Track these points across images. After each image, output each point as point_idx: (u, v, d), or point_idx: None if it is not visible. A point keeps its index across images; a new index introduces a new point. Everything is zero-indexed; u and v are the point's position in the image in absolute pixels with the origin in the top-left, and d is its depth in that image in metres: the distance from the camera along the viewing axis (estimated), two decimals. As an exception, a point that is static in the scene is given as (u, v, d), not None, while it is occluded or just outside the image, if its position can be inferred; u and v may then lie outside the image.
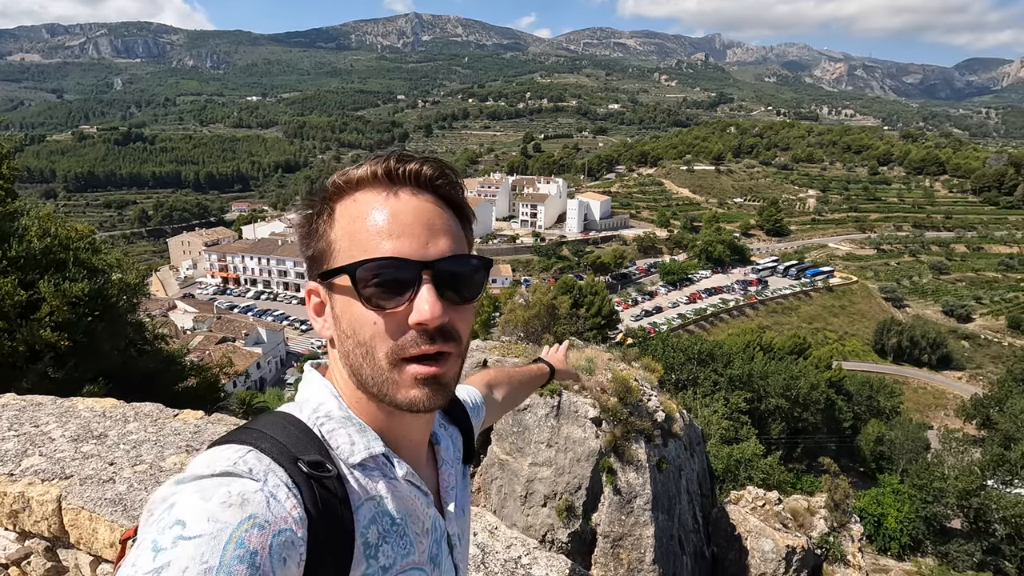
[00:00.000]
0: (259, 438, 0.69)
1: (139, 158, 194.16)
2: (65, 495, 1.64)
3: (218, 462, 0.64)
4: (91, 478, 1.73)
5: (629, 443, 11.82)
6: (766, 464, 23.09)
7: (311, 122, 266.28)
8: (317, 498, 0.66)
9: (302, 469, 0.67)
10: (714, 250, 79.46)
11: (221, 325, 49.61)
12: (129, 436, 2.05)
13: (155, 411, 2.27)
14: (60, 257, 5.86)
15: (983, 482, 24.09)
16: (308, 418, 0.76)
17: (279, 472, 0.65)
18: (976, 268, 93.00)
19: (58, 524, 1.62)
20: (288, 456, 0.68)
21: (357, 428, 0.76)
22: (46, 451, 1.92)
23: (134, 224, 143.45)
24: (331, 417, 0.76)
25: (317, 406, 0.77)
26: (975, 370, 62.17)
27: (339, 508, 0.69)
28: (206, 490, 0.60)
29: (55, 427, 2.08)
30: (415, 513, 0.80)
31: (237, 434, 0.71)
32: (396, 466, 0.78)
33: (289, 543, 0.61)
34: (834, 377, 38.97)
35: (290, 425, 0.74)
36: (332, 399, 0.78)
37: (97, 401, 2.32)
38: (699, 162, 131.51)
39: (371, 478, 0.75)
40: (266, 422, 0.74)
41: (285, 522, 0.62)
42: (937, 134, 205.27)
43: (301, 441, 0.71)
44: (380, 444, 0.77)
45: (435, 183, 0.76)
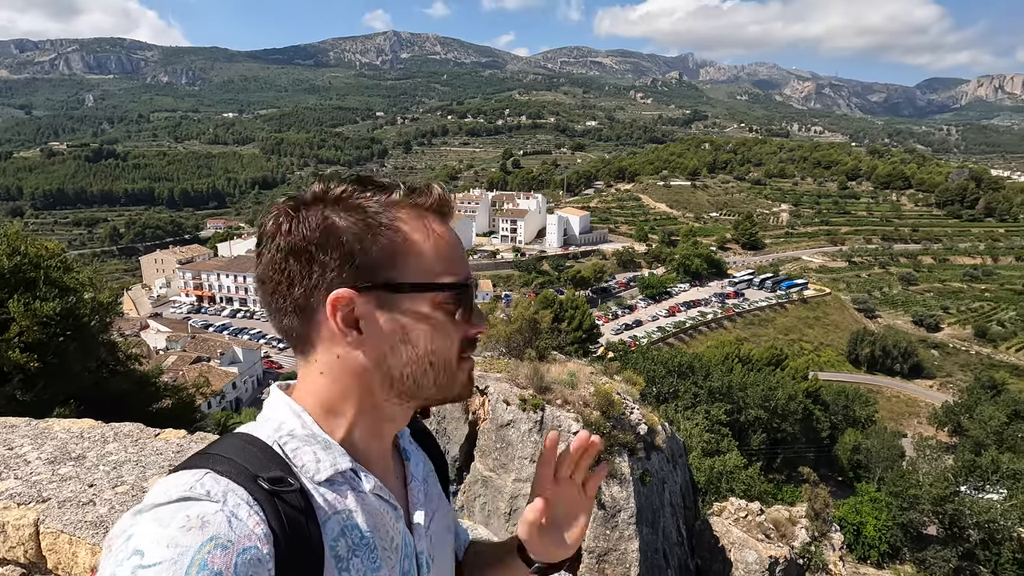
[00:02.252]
0: (215, 461, 0.69)
1: (111, 175, 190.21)
2: (43, 519, 1.59)
3: (174, 488, 0.63)
4: (70, 501, 1.68)
5: (612, 457, 11.83)
6: (747, 475, 23.26)
7: (289, 139, 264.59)
8: (281, 514, 0.66)
9: (262, 486, 0.67)
10: (692, 264, 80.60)
11: (195, 344, 48.45)
12: (109, 457, 1.99)
13: (135, 431, 2.22)
14: (30, 276, 5.70)
15: (956, 488, 24.61)
16: (268, 436, 0.75)
17: (239, 491, 0.65)
18: (943, 279, 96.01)
19: (35, 549, 1.56)
20: (247, 475, 0.67)
21: (322, 445, 0.76)
22: (21, 474, 1.85)
23: (105, 242, 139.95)
24: (294, 436, 0.76)
25: (279, 425, 0.77)
26: (945, 378, 63.80)
27: (305, 522, 0.69)
28: (163, 517, 0.59)
29: (30, 449, 2.02)
30: (384, 527, 0.80)
31: (194, 460, 0.70)
32: (364, 480, 0.78)
33: (255, 560, 0.61)
34: (811, 387, 39.57)
35: (248, 445, 0.73)
36: (294, 417, 0.77)
37: (74, 422, 2.25)
38: (675, 178, 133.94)
39: (339, 492, 0.75)
40: (223, 445, 0.73)
41: (249, 540, 0.61)
42: (902, 150, 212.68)
43: (260, 460, 0.71)
44: (347, 459, 0.77)
45: (452, 215, 0.85)
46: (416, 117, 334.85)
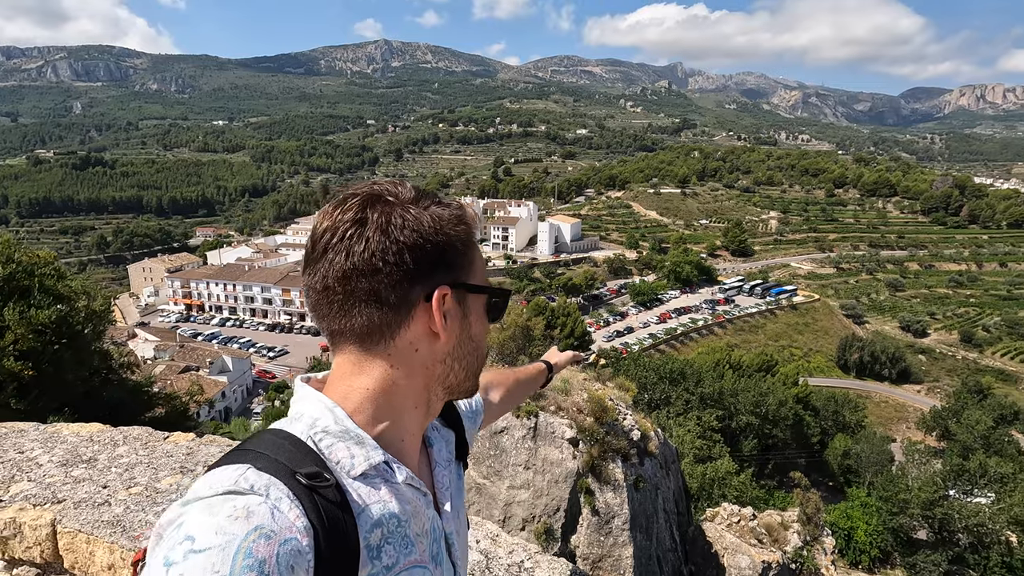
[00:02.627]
0: (255, 457, 0.72)
1: (98, 183, 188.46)
2: (60, 519, 1.61)
3: (219, 483, 0.67)
4: (85, 501, 1.70)
5: (606, 463, 11.85)
6: (739, 482, 23.34)
7: (279, 146, 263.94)
8: (319, 508, 0.70)
9: (301, 482, 0.70)
10: (682, 270, 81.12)
11: (184, 354, 47.98)
12: (120, 459, 2.01)
13: (144, 434, 2.24)
14: (24, 284, 5.67)
15: (945, 492, 24.84)
16: (303, 433, 0.78)
17: (279, 486, 0.69)
18: (929, 285, 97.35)
19: (52, 549, 1.58)
20: (285, 471, 0.71)
21: (355, 440, 0.80)
22: (35, 476, 1.87)
23: (92, 250, 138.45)
24: (328, 432, 0.79)
25: (313, 421, 0.80)
26: (932, 383, 64.51)
27: (341, 515, 0.72)
28: (212, 507, 0.64)
29: (41, 453, 2.03)
30: (416, 514, 0.84)
31: (233, 456, 0.74)
32: (397, 471, 0.83)
33: (295, 551, 0.64)
34: (801, 393, 39.86)
35: (284, 441, 0.77)
36: (327, 413, 0.81)
37: (83, 426, 2.27)
38: (665, 185, 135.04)
39: (373, 486, 0.79)
40: (260, 441, 0.76)
41: (290, 531, 0.65)
42: (887, 158, 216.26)
43: (296, 456, 0.74)
44: (380, 453, 0.81)
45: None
46: (407, 125, 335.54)
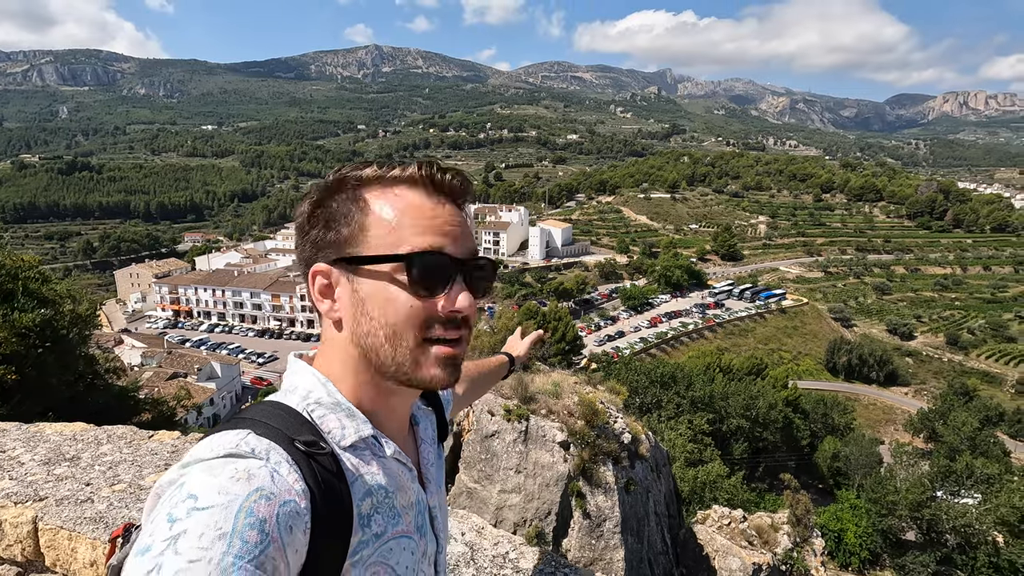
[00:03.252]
0: (254, 424, 0.74)
1: (85, 188, 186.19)
2: (41, 516, 1.60)
3: (220, 446, 0.69)
4: (68, 499, 1.69)
5: (597, 466, 11.86)
6: (730, 484, 23.45)
7: (269, 151, 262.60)
8: (316, 473, 0.72)
9: (299, 448, 0.73)
10: (672, 275, 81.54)
11: (172, 360, 47.39)
12: (104, 458, 2.00)
13: (128, 433, 2.22)
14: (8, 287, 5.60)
15: (933, 493, 25.08)
16: (298, 404, 0.81)
17: (279, 450, 0.70)
18: (915, 288, 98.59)
19: (33, 547, 1.56)
20: (284, 437, 0.73)
21: (346, 413, 0.82)
22: (16, 475, 1.85)
23: (78, 256, 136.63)
24: (320, 403, 0.81)
25: (307, 393, 0.82)
26: (920, 385, 65.24)
27: (336, 482, 0.74)
28: (214, 468, 0.65)
29: (23, 451, 2.01)
30: (402, 487, 0.87)
31: (233, 423, 0.75)
32: (384, 446, 0.85)
33: (294, 513, 0.67)
34: (790, 396, 40.13)
35: (281, 411, 0.79)
36: (320, 386, 0.83)
37: (66, 425, 2.24)
38: (655, 190, 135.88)
39: (362, 458, 0.81)
40: (258, 410, 0.78)
41: (289, 494, 0.67)
42: (873, 163, 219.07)
43: (294, 424, 0.77)
44: (369, 427, 0.83)
45: (465, 195, 0.86)
46: (398, 130, 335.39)
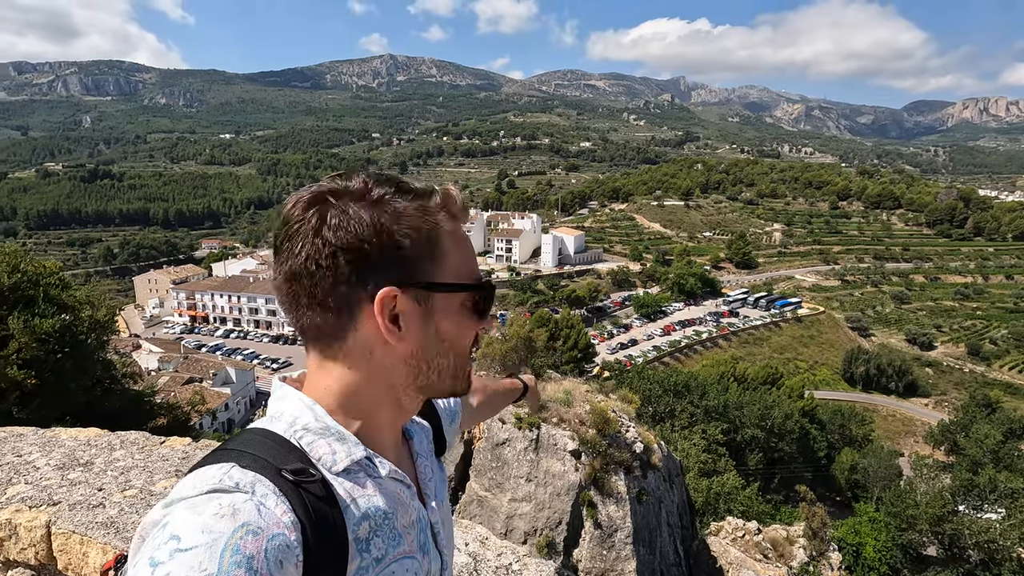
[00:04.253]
0: (238, 456, 0.71)
1: (106, 195, 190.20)
2: (55, 520, 1.63)
3: (203, 482, 0.66)
4: (80, 503, 1.72)
5: (609, 475, 11.76)
6: (745, 496, 23.11)
7: (285, 159, 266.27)
8: (306, 503, 0.69)
9: (287, 478, 0.70)
10: (686, 283, 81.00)
11: (188, 365, 48.03)
12: (116, 463, 2.03)
13: (141, 439, 2.26)
14: (29, 293, 5.73)
15: (954, 508, 24.49)
16: (284, 431, 0.78)
17: (265, 482, 0.68)
18: (935, 297, 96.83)
19: (46, 550, 1.59)
20: (270, 468, 0.70)
21: (336, 437, 0.79)
22: (31, 479, 1.89)
23: (98, 262, 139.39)
24: (308, 430, 0.79)
25: (293, 420, 0.79)
26: (940, 396, 63.92)
27: (328, 510, 0.72)
28: (197, 506, 0.63)
29: (39, 456, 2.05)
30: (402, 506, 0.84)
31: (215, 455, 0.73)
32: (379, 466, 0.82)
33: (284, 547, 0.64)
34: (807, 406, 39.58)
35: (267, 439, 0.76)
36: (307, 411, 0.80)
37: (80, 431, 2.29)
38: (669, 197, 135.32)
39: (356, 481, 0.79)
40: (242, 440, 0.76)
41: (278, 527, 0.65)
42: (891, 171, 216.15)
43: (280, 453, 0.74)
44: (361, 449, 0.80)
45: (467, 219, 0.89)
46: (412, 138, 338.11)
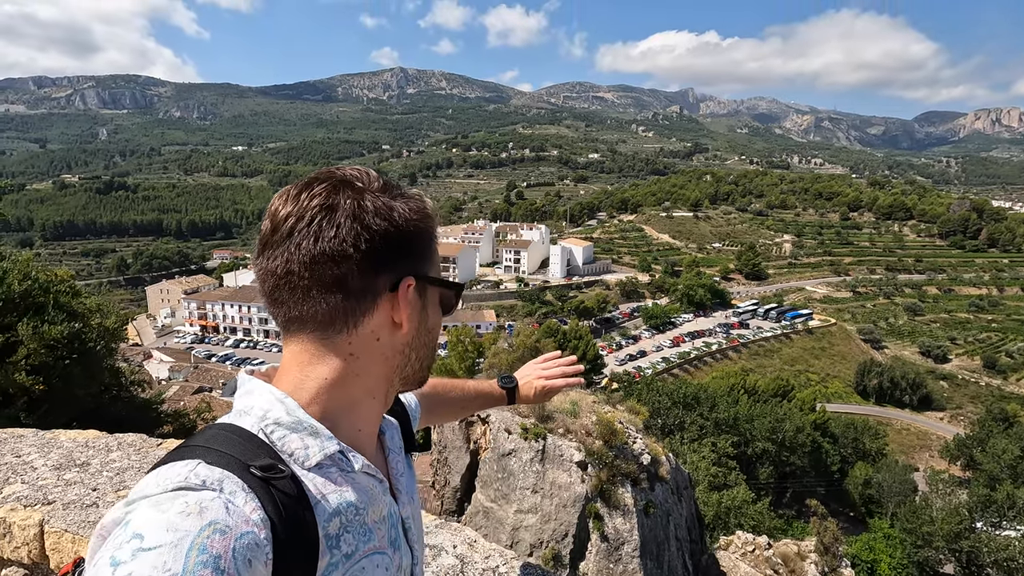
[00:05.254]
0: (204, 452, 0.69)
1: (120, 206, 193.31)
2: (48, 519, 1.64)
3: (168, 479, 0.64)
4: (74, 503, 1.74)
5: (615, 487, 11.63)
6: (756, 510, 22.77)
7: (296, 171, 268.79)
8: (276, 500, 0.68)
9: (255, 475, 0.68)
10: (695, 294, 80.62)
11: (198, 375, 48.35)
12: (112, 464, 2.05)
13: (138, 441, 2.28)
14: (39, 300, 5.81)
15: (972, 524, 23.97)
16: (253, 426, 0.76)
17: (233, 479, 0.66)
18: (949, 309, 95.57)
19: (39, 549, 1.61)
20: (238, 464, 0.68)
21: (309, 431, 0.77)
22: (28, 479, 1.91)
23: (112, 272, 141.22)
24: (280, 424, 0.76)
25: (264, 413, 0.77)
26: (955, 410, 62.82)
27: (298, 507, 0.70)
28: (161, 504, 0.60)
29: (37, 457, 2.08)
30: (373, 501, 0.83)
31: (179, 452, 0.70)
32: (352, 460, 0.80)
33: (253, 545, 0.62)
34: (819, 419, 39.04)
35: (234, 435, 0.73)
36: (278, 405, 0.77)
37: (80, 432, 2.32)
38: (677, 209, 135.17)
39: (328, 476, 0.77)
40: (208, 436, 0.73)
41: (246, 525, 0.63)
42: (902, 181, 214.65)
43: (248, 449, 0.72)
44: (334, 443, 0.78)
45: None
46: (421, 150, 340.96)
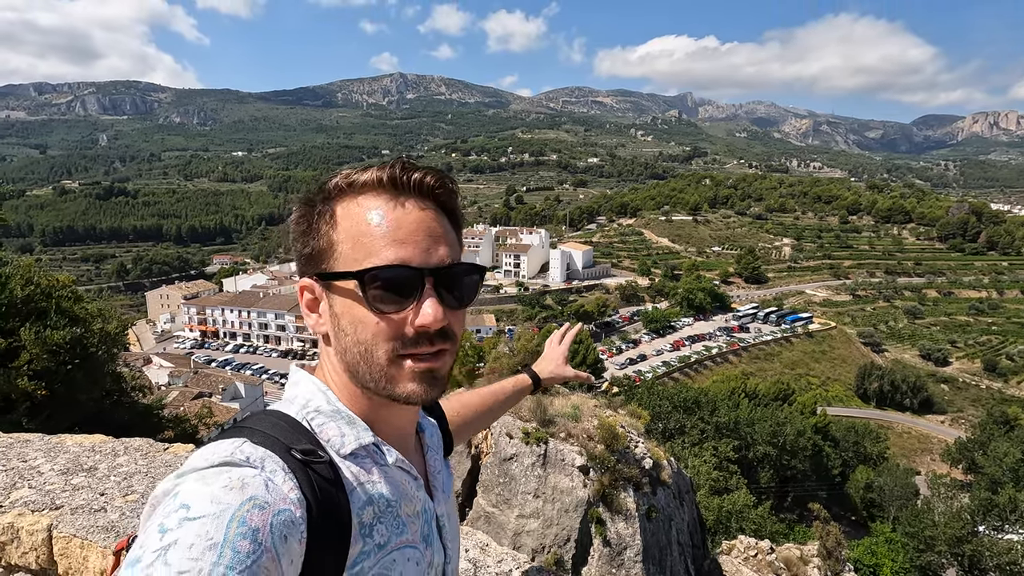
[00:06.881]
0: (251, 433, 0.73)
1: (120, 212, 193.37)
2: (56, 524, 1.64)
3: (215, 455, 0.68)
4: (82, 508, 1.74)
5: (617, 491, 11.61)
6: (757, 515, 22.71)
7: (296, 176, 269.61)
8: (313, 483, 0.70)
9: (296, 457, 0.71)
10: (695, 298, 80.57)
11: (198, 380, 48.21)
12: (120, 468, 2.05)
13: (145, 445, 2.28)
14: (42, 306, 5.81)
15: (974, 528, 23.90)
16: (297, 413, 0.80)
17: (275, 459, 0.69)
18: (948, 312, 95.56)
19: (47, 554, 1.60)
20: (281, 446, 0.72)
21: (346, 421, 0.81)
22: (35, 484, 1.91)
23: (112, 278, 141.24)
24: (320, 412, 0.80)
25: (306, 402, 0.81)
26: (956, 413, 62.75)
27: (334, 491, 0.73)
28: (207, 477, 0.64)
29: (44, 462, 2.08)
30: (407, 496, 0.84)
31: (230, 432, 0.74)
32: (386, 453, 0.82)
33: (289, 522, 0.65)
34: (820, 423, 38.96)
35: (280, 420, 0.78)
36: (320, 395, 0.82)
37: (86, 437, 2.32)
38: (677, 212, 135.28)
39: (363, 466, 0.80)
40: (256, 419, 0.77)
41: (284, 502, 0.66)
42: (901, 185, 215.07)
43: (292, 434, 0.75)
44: (369, 435, 0.81)
45: (436, 192, 0.80)
46: (421, 155, 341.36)
